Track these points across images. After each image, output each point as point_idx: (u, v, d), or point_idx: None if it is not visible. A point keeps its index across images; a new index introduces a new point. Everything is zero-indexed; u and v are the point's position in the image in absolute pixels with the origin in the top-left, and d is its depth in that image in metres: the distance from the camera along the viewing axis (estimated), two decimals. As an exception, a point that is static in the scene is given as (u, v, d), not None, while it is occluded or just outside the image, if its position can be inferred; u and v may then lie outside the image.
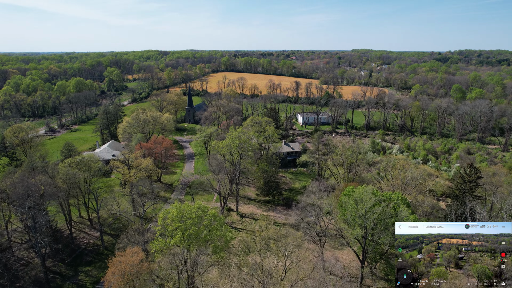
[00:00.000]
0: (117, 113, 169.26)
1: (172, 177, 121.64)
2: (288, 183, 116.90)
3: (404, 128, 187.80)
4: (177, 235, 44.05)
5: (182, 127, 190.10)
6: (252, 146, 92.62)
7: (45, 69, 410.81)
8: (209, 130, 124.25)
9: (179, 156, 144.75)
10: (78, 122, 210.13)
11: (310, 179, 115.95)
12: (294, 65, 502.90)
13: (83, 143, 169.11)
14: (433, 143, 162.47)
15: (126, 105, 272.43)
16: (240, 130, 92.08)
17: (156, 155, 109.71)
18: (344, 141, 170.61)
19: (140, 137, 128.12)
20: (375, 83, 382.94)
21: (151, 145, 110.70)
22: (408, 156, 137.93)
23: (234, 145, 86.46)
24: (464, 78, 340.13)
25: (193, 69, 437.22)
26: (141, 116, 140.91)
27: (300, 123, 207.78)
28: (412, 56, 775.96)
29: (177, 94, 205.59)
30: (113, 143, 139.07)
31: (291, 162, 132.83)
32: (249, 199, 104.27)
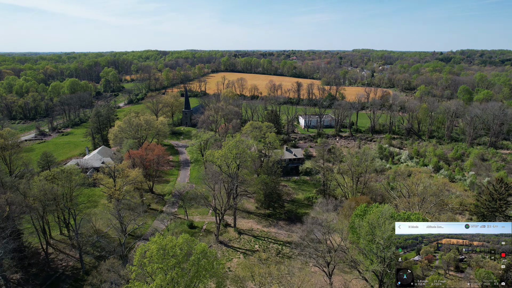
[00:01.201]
0: (109, 116, 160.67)
1: (165, 187, 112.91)
2: (291, 193, 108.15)
3: (411, 131, 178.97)
4: (158, 278, 35.48)
5: (179, 131, 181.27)
6: (251, 156, 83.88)
7: (41, 70, 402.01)
8: (205, 135, 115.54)
9: (174, 162, 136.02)
10: (71, 125, 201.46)
11: (315, 190, 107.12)
12: (295, 65, 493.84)
13: (73, 147, 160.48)
14: (443, 147, 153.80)
15: (122, 106, 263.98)
16: (238, 138, 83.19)
17: (147, 164, 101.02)
18: (349, 146, 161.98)
19: (132, 143, 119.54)
20: (378, 83, 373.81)
21: (141, 152, 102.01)
22: (418, 163, 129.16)
23: (231, 155, 77.76)
24: (470, 79, 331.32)
25: (191, 69, 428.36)
26: (133, 120, 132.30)
27: (302, 126, 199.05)
28: (414, 56, 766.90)
29: (173, 95, 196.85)
30: (104, 149, 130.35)
31: (294, 170, 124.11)
32: (248, 212, 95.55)
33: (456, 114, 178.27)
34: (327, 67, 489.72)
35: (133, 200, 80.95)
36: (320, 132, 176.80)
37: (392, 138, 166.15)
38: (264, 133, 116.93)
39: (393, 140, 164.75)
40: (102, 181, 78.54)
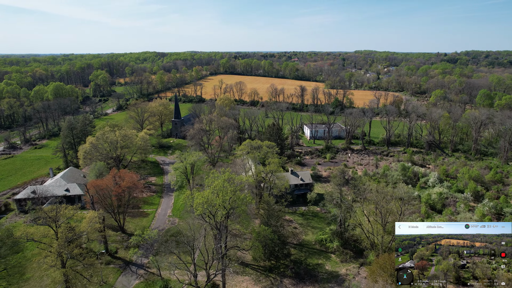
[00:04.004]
0: (85, 128, 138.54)
1: (141, 222, 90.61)
2: (298, 233, 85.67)
3: (433, 144, 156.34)
4: None
5: (167, 144, 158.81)
6: (245, 202, 61.07)
7: (30, 72, 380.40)
8: (191, 157, 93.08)
9: (157, 187, 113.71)
10: (48, 136, 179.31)
11: (328, 228, 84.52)
12: (297, 67, 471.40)
13: (44, 165, 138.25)
14: (473, 164, 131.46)
15: (109, 113, 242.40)
16: (227, 176, 60.40)
17: (114, 199, 78.74)
18: (363, 162, 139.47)
19: (101, 166, 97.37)
20: (386, 87, 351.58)
21: (107, 182, 79.82)
22: (451, 188, 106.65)
23: (217, 201, 55.53)
24: (485, 81, 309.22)
25: (188, 72, 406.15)
26: (107, 135, 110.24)
27: (307, 137, 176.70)
28: (418, 57, 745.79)
29: (162, 103, 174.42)
30: (71, 172, 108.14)
31: (300, 198, 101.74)
32: (244, 264, 72.96)
33: (484, 124, 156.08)
34: (330, 69, 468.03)
35: (92, 248, 58.39)
36: (329, 146, 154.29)
37: (412, 153, 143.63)
38: (264, 154, 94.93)
39: (413, 155, 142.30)
40: (35, 235, 55.96)
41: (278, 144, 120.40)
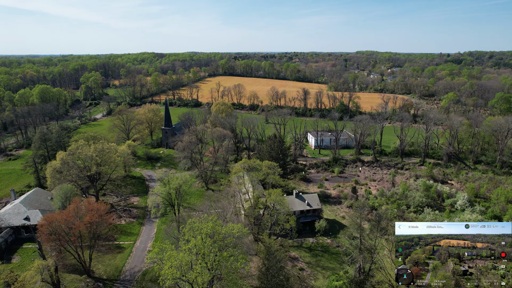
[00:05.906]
0: (61, 140, 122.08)
1: (114, 260, 74.18)
2: (305, 276, 69.23)
3: (452, 156, 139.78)
4: None
5: (156, 155, 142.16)
6: (234, 266, 43.71)
7: (20, 74, 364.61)
8: (175, 181, 76.65)
9: (139, 210, 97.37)
10: (26, 145, 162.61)
11: (342, 272, 68.05)
12: (299, 68, 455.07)
13: (15, 180, 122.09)
14: (502, 180, 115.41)
15: (99, 119, 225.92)
16: (210, 228, 43.02)
17: (73, 239, 62.33)
18: (376, 178, 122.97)
19: (68, 190, 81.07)
20: (392, 89, 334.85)
21: (67, 216, 63.48)
22: (485, 212, 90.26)
23: (197, 267, 38.14)
24: (497, 83, 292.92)
25: (185, 73, 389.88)
26: (81, 150, 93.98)
27: (311, 146, 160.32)
28: (421, 57, 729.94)
29: (152, 109, 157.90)
30: (36, 194, 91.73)
31: (307, 226, 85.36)
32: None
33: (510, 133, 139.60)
34: (332, 70, 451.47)
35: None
36: (337, 157, 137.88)
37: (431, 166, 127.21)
38: (264, 175, 78.77)
39: (433, 169, 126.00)
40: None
41: (280, 159, 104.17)
